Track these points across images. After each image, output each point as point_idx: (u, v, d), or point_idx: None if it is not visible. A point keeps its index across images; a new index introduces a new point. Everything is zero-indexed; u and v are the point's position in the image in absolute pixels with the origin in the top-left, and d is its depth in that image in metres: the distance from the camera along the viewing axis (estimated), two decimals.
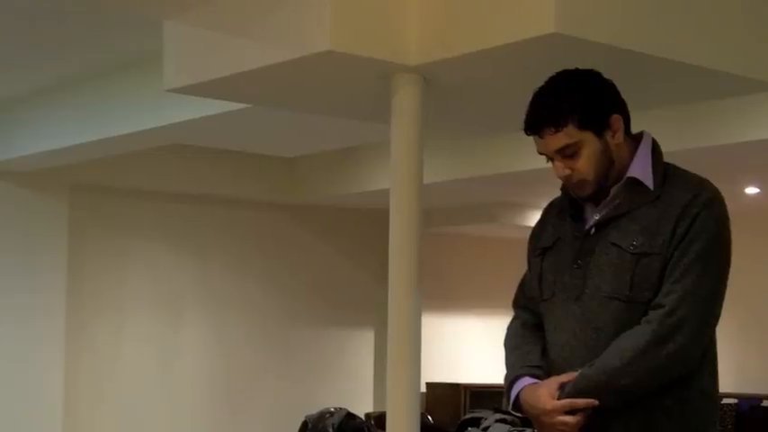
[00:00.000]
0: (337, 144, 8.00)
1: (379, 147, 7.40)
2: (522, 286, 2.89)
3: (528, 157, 4.10)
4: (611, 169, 2.68)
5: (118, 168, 7.95)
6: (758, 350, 9.34)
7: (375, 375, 9.76)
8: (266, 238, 9.20)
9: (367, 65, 3.42)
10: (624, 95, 2.75)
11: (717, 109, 5.90)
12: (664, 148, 2.74)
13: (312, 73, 3.60)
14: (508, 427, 6.90)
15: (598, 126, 2.66)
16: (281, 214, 9.24)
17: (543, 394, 2.62)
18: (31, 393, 7.80)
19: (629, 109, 2.76)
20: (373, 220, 8.83)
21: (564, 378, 2.62)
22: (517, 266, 3.43)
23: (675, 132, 5.97)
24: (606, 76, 2.75)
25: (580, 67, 2.77)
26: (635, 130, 2.78)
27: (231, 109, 5.47)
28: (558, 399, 2.60)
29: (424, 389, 9.29)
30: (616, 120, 2.69)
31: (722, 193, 2.66)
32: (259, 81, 3.76)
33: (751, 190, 8.16)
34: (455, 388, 9.43)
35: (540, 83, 2.76)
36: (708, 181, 2.66)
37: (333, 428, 7.12)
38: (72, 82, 6.51)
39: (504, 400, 2.77)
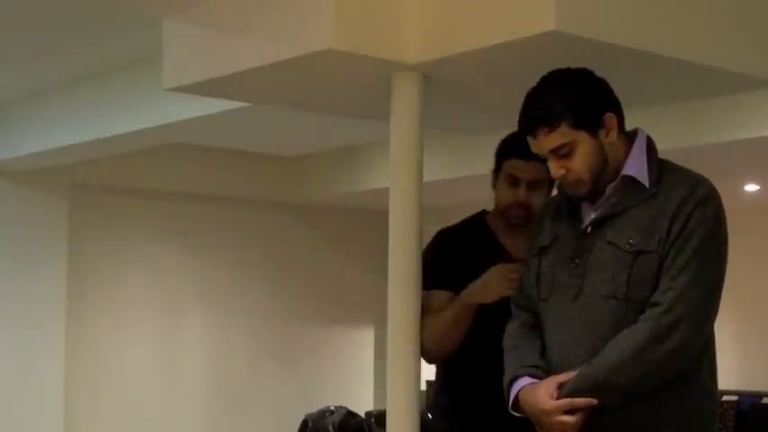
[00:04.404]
0: (337, 143, 8.00)
1: (380, 145, 7.40)
2: (521, 286, 2.88)
3: None
4: (606, 168, 2.68)
5: (118, 167, 7.95)
6: (758, 347, 9.33)
7: (375, 374, 9.76)
8: (267, 237, 9.20)
9: (367, 63, 3.42)
10: (624, 93, 2.75)
11: (716, 106, 5.90)
12: (663, 146, 2.74)
13: (312, 71, 3.60)
14: None
15: (592, 125, 2.66)
16: (281, 213, 9.24)
17: (542, 394, 2.62)
18: (32, 392, 7.80)
19: (631, 106, 2.75)
20: (374, 218, 8.82)
21: (563, 377, 2.62)
22: None
23: (675, 130, 5.97)
24: (606, 73, 2.74)
25: (580, 64, 2.77)
26: (634, 127, 2.77)
27: (231, 108, 5.47)
28: (557, 398, 2.60)
29: (424, 387, 9.29)
30: (609, 118, 2.68)
31: (721, 191, 2.65)
32: (259, 80, 3.75)
33: (750, 187, 8.16)
34: None
35: None
36: (703, 177, 2.66)
37: (333, 427, 7.12)
38: (72, 81, 6.51)
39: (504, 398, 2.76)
